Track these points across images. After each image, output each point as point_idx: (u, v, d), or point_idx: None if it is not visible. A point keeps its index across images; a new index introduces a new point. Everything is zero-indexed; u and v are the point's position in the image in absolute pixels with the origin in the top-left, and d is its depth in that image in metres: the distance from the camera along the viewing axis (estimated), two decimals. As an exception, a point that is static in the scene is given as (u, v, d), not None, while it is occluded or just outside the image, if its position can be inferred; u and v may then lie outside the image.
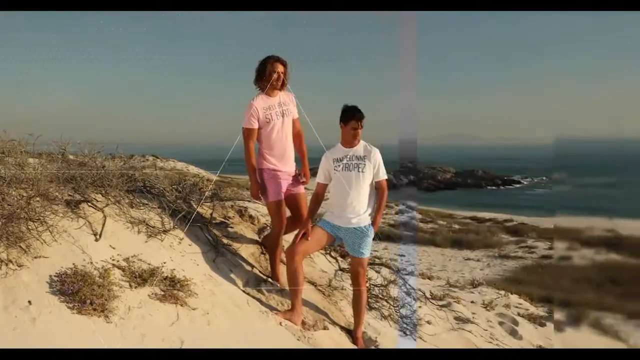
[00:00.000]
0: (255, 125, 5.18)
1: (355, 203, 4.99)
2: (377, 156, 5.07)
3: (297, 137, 5.51)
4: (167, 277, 4.20)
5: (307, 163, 5.60)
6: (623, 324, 6.79)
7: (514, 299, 10.55)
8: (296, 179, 5.42)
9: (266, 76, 5.18)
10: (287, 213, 5.46)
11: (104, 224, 4.49)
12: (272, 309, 4.89)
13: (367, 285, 6.10)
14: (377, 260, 7.70)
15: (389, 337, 5.54)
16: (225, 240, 5.65)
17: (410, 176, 77.26)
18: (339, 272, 6.46)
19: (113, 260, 4.13)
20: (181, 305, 4.02)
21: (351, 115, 4.98)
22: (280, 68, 5.20)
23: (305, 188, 5.64)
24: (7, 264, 3.56)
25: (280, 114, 5.23)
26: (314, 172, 5.25)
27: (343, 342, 4.97)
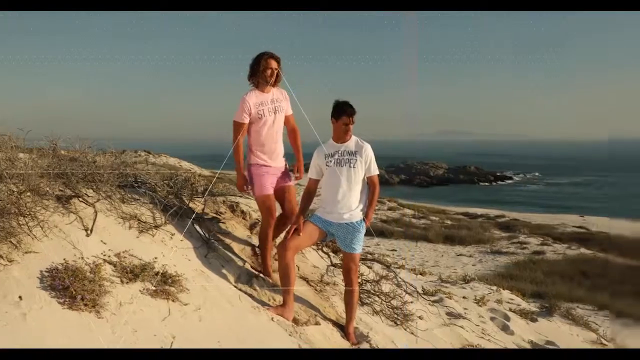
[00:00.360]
0: (246, 120, 5.19)
1: (347, 198, 5.00)
2: (368, 151, 5.07)
3: (292, 133, 5.54)
4: (158, 272, 4.20)
5: (302, 159, 5.63)
6: None
7: (506, 294, 10.57)
8: (285, 173, 5.43)
9: (259, 72, 5.18)
10: (278, 210, 5.48)
11: (95, 219, 4.47)
12: (263, 304, 4.90)
13: (359, 280, 6.10)
14: (369, 256, 7.72)
15: (380, 332, 5.55)
16: (217, 236, 5.65)
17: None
18: (331, 268, 6.47)
19: (104, 255, 4.12)
20: (173, 300, 4.02)
21: (342, 111, 4.99)
22: (273, 64, 5.21)
23: (298, 184, 5.66)
24: (-3, 259, 3.55)
25: (272, 110, 5.24)
26: (307, 168, 5.26)
27: (335, 338, 4.98)
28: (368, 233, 5.19)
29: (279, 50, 5.25)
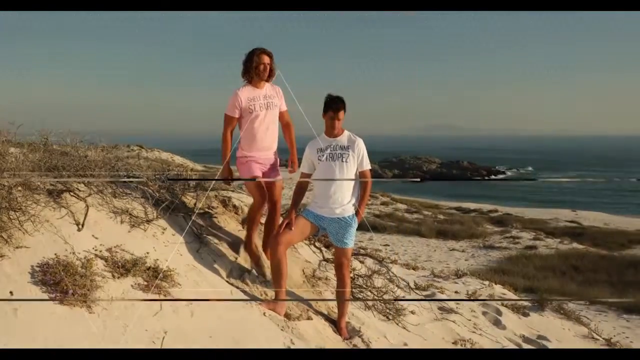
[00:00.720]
0: (236, 114, 5.28)
1: (339, 193, 5.00)
2: (361, 146, 5.07)
3: (287, 128, 5.62)
4: (150, 267, 4.19)
5: (296, 153, 5.67)
6: None
7: (498, 289, 10.60)
8: (274, 168, 5.47)
9: (252, 68, 5.22)
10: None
11: (86, 214, 4.46)
12: (255, 299, 4.89)
13: (351, 275, 6.11)
14: (361, 251, 7.73)
15: (372, 327, 5.56)
16: (208, 231, 5.65)
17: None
18: (323, 263, 6.47)
19: (96, 250, 4.11)
20: (164, 295, 4.02)
21: (329, 106, 5.00)
22: (266, 59, 5.26)
23: (290, 178, 5.67)
24: (-12, 254, 3.54)
25: (264, 106, 5.28)
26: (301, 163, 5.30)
27: (327, 333, 4.98)
28: (363, 228, 5.20)
29: (278, 49, 5.28)
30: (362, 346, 5.01)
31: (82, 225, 4.33)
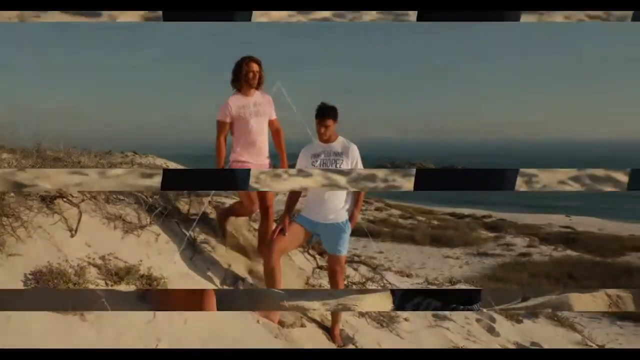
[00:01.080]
0: (228, 120, 5.32)
1: (332, 199, 4.98)
2: (355, 152, 5.06)
3: (276, 135, 5.65)
4: (143, 275, 4.17)
5: (286, 160, 5.69)
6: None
7: (492, 295, 10.59)
8: None
9: (242, 76, 5.26)
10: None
11: (79, 220, 4.44)
12: (249, 306, 4.87)
13: (345, 283, 6.09)
14: (355, 258, 7.72)
15: (366, 334, 5.55)
16: (202, 237, 5.63)
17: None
18: (317, 270, 6.47)
19: (89, 258, 4.09)
20: (158, 302, 3.99)
21: (316, 114, 4.99)
22: (254, 67, 5.31)
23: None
24: (-20, 261, 3.52)
25: (254, 113, 5.33)
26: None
27: (320, 340, 4.97)
28: (360, 234, 5.20)
29: (274, 53, 5.27)
30: (355, 354, 5.00)
31: (75, 232, 4.31)
